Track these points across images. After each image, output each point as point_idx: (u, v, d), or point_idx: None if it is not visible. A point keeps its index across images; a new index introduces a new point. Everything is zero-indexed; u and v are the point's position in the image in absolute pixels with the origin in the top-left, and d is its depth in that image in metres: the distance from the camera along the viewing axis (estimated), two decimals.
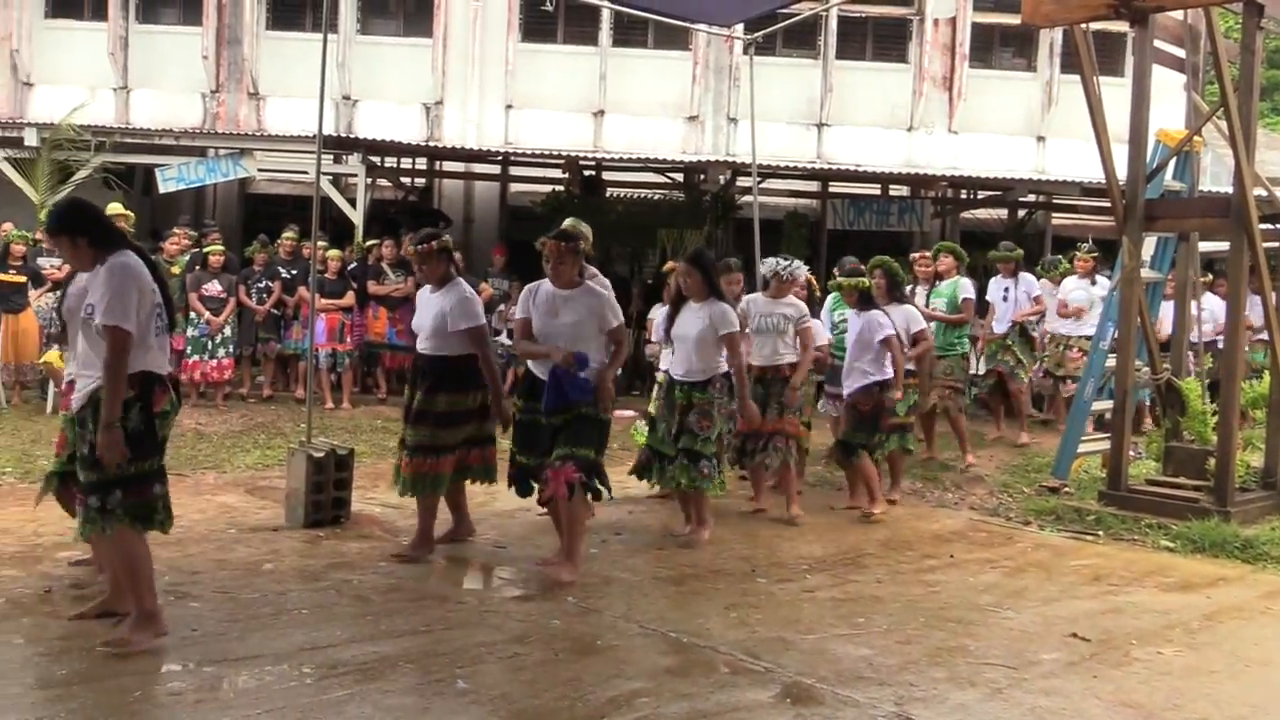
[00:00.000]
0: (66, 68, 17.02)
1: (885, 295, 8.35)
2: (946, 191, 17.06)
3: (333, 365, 12.30)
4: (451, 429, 6.24)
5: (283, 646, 4.79)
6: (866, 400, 7.82)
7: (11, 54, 16.98)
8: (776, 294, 7.75)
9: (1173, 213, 9.03)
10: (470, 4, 17.06)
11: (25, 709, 4.01)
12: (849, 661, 4.87)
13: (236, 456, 9.63)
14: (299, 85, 16.21)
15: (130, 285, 4.57)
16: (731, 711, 4.23)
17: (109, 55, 16.95)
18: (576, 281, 6.09)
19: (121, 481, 4.53)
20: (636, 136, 17.04)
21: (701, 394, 6.73)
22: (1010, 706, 4.41)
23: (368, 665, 4.59)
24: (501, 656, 4.79)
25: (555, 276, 6.05)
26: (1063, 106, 16.99)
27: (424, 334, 6.33)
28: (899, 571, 6.54)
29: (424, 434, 6.18)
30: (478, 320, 6.25)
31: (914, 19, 17.53)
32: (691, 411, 6.74)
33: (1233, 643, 5.41)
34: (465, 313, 6.18)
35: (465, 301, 6.24)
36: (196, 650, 4.50)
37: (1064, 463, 9.25)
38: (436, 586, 5.89)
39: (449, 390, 6.21)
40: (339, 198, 14.12)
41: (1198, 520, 7.66)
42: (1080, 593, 6.22)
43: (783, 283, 7.76)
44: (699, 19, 8.84)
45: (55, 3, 17.48)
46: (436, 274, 6.35)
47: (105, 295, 4.51)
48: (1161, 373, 9.24)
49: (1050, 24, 9.02)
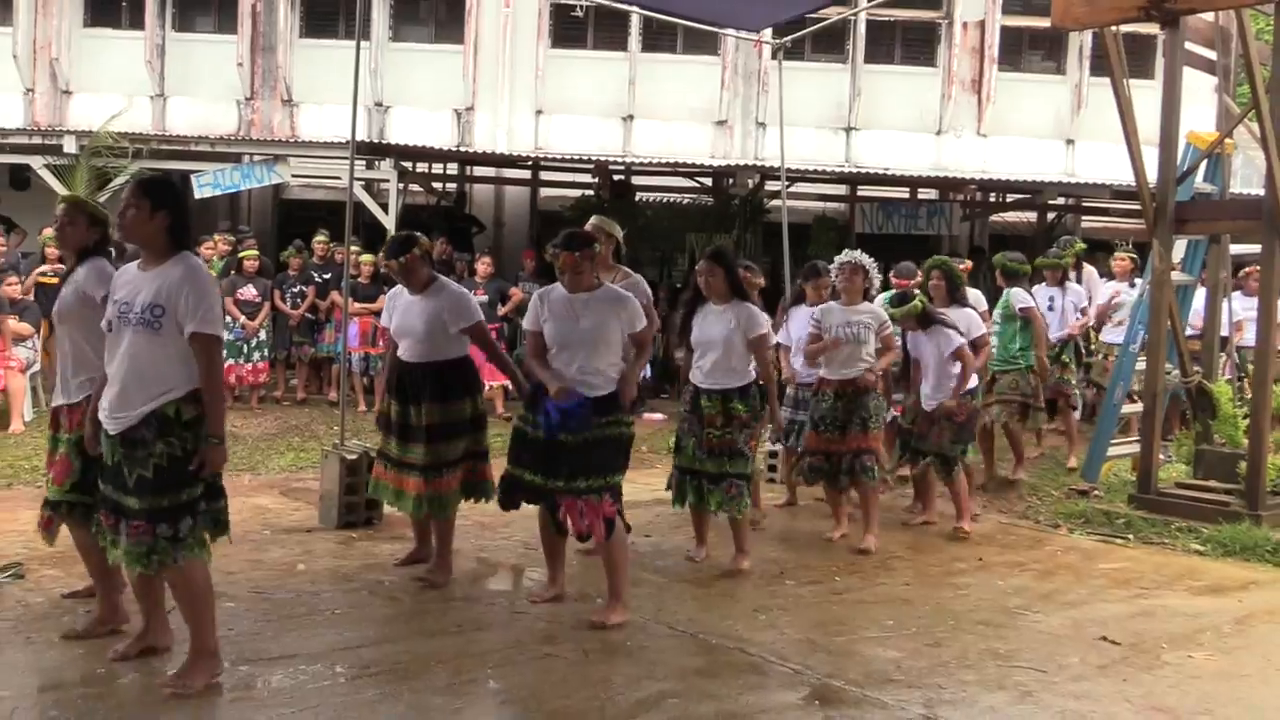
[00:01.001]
0: (104, 76, 17.17)
1: (945, 297, 7.79)
2: (975, 195, 16.95)
3: (365, 368, 12.33)
4: (453, 442, 5.84)
5: (316, 646, 4.82)
6: (962, 410, 7.45)
7: (51, 62, 17.14)
8: (848, 296, 7.18)
9: (1204, 215, 8.97)
10: (501, 11, 17.11)
11: (66, 704, 4.06)
12: (878, 664, 4.85)
13: (271, 458, 9.70)
14: (332, 92, 16.28)
15: (214, 289, 4.25)
16: (760, 713, 4.23)
17: (146, 63, 17.09)
18: (595, 284, 5.46)
19: (191, 505, 4.14)
20: (665, 141, 17.03)
21: (741, 404, 6.19)
22: (1039, 709, 4.39)
23: (400, 665, 4.61)
24: (532, 657, 4.80)
25: (571, 285, 5.37)
26: (1092, 109, 16.86)
27: (414, 339, 5.85)
28: (927, 574, 6.51)
29: (428, 452, 5.78)
30: (477, 317, 5.91)
31: (943, 22, 17.46)
32: (731, 425, 6.17)
33: (1265, 647, 5.36)
34: (465, 310, 5.85)
35: (462, 298, 5.94)
36: (232, 649, 4.52)
37: (1094, 466, 9.20)
38: (467, 587, 5.89)
39: (445, 399, 5.82)
40: (371, 203, 14.21)
41: (1228, 523, 7.60)
42: (1110, 596, 6.18)
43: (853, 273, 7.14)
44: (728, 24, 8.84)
45: (93, 11, 17.65)
46: (421, 280, 5.91)
47: (194, 300, 4.09)
48: (1192, 375, 9.17)
49: (1080, 26, 8.96)
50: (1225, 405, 9.03)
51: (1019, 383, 8.83)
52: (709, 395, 6.23)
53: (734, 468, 6.20)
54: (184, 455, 4.10)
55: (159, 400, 4.08)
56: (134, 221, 4.20)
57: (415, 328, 5.81)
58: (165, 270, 4.15)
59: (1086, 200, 16.59)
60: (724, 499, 6.20)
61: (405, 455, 5.85)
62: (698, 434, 6.27)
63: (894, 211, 16.93)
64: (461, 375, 5.94)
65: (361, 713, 4.08)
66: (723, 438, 6.19)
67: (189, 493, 4.12)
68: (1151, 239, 8.65)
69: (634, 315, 5.41)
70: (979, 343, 7.88)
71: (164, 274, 4.14)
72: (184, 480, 4.11)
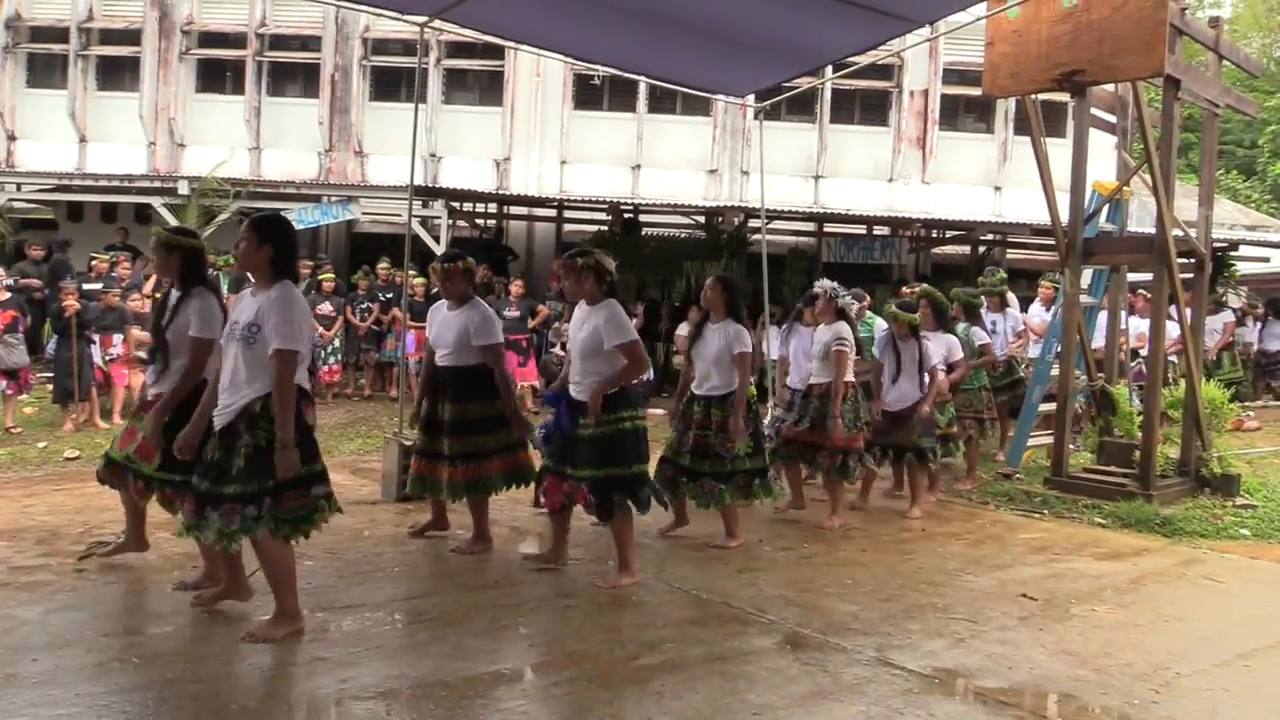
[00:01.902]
0: (211, 132, 17.19)
1: (932, 323, 7.57)
2: (920, 231, 16.97)
3: (420, 371, 12.31)
4: (495, 434, 5.64)
5: (378, 597, 4.83)
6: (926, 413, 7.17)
7: (169, 121, 17.19)
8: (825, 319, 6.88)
9: (1106, 250, 8.97)
10: (533, 79, 17.11)
11: (167, 638, 4.05)
12: (838, 615, 4.84)
13: (343, 444, 9.71)
14: (395, 145, 16.34)
15: (300, 311, 4.09)
16: (742, 655, 4.22)
17: (245, 122, 17.12)
18: (597, 296, 5.19)
19: (275, 490, 4.00)
20: (667, 186, 17.01)
21: (719, 409, 5.95)
22: (971, 653, 4.38)
23: (446, 613, 4.61)
24: (555, 608, 4.79)
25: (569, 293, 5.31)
26: (1015, 162, 16.83)
27: (444, 347, 5.67)
28: (880, 543, 6.49)
29: (451, 443, 5.59)
30: (496, 339, 5.64)
31: (894, 91, 17.43)
32: (711, 428, 5.96)
33: (1154, 602, 5.35)
34: (487, 330, 5.61)
35: (488, 319, 5.66)
36: (310, 600, 4.51)
37: (1016, 454, 9.18)
38: (502, 551, 5.87)
39: (479, 397, 5.61)
40: (426, 236, 14.21)
41: (1126, 501, 7.60)
42: (1029, 560, 6.16)
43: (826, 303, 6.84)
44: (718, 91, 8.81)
45: (204, 80, 17.67)
46: (457, 291, 5.72)
47: (279, 321, 3.99)
48: (1096, 380, 9.15)
49: (1006, 94, 8.93)
50: (1123, 405, 9.01)
51: (973, 400, 8.45)
52: (700, 401, 6.06)
53: (711, 467, 5.98)
54: (267, 445, 4.00)
55: (247, 398, 4.02)
56: (244, 253, 4.16)
57: (447, 338, 5.66)
58: (266, 295, 4.09)
59: (1011, 236, 16.54)
60: (699, 494, 6.01)
61: (433, 446, 5.70)
62: (680, 431, 6.11)
63: (854, 245, 16.93)
64: (480, 380, 5.63)
65: (415, 653, 4.07)
66: (704, 438, 5.98)
67: (273, 480, 3.99)
68: (1063, 268, 8.64)
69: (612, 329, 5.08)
70: (955, 365, 7.74)
71: (264, 298, 4.08)
72: (268, 467, 3.99)
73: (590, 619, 4.64)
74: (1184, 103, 8.68)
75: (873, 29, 6.61)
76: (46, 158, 16.98)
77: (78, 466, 8.40)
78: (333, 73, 17.19)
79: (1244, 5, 40.09)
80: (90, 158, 17.22)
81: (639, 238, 15.49)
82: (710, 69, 7.70)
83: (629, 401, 5.16)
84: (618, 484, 5.07)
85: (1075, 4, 7.82)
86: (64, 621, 4.25)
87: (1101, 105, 9.34)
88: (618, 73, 9.39)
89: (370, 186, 15.53)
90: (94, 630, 4.15)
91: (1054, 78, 8.05)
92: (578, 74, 16.93)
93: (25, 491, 7.22)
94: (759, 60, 7.32)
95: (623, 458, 5.09)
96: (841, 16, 6.25)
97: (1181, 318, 8.92)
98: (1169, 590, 5.64)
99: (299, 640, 4.13)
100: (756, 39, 6.85)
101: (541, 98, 17.20)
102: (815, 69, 8.67)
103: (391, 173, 16.50)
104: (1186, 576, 5.95)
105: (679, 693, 3.76)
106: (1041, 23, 8.05)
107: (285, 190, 15.03)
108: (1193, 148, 26.72)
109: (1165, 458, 8.44)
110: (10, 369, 9.85)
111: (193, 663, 3.86)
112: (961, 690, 3.99)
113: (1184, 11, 8.15)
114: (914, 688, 3.93)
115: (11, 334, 9.90)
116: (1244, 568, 6.26)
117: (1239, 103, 9.52)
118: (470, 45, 16.01)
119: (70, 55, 17.16)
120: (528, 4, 6.40)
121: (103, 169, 16.26)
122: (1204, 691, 4.05)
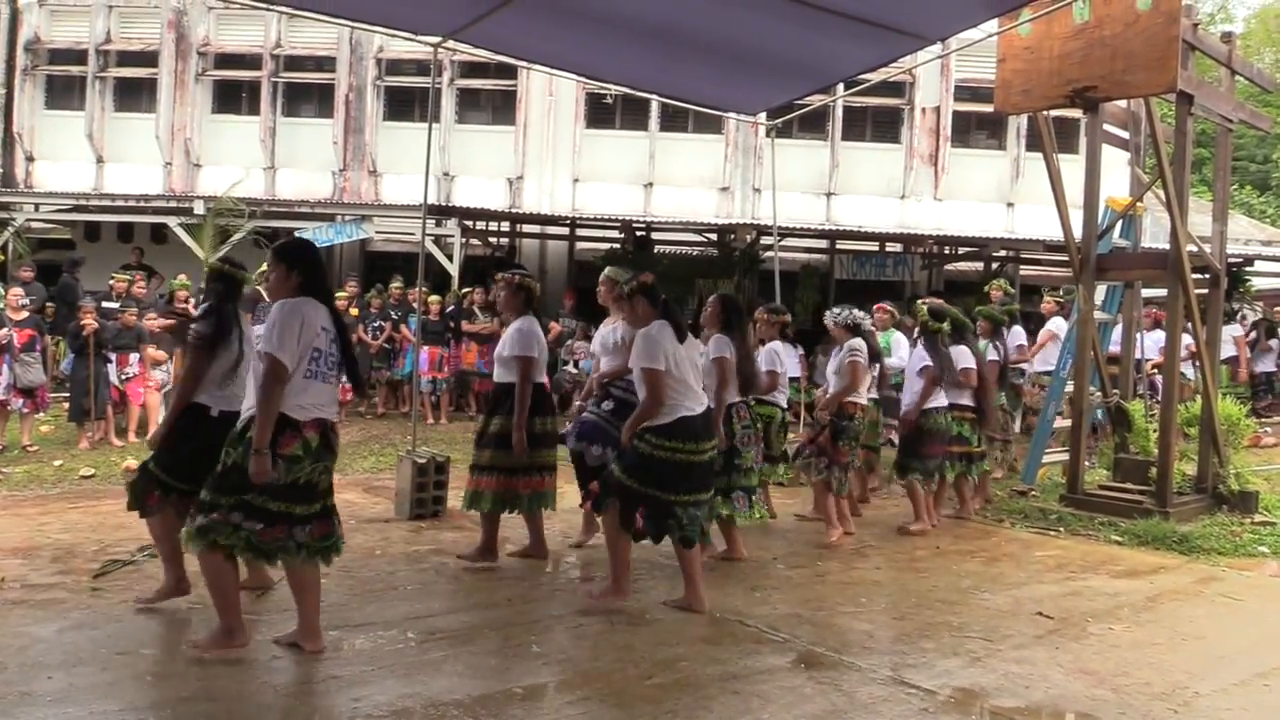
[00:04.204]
0: (227, 152, 17.34)
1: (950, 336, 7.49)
2: (932, 248, 16.94)
3: (433, 389, 12.38)
4: (549, 450, 5.77)
5: (392, 615, 4.82)
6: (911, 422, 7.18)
7: (185, 142, 17.34)
8: None
9: (1120, 265, 8.93)
10: (545, 98, 17.20)
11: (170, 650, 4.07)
12: (853, 634, 4.81)
13: (356, 461, 9.72)
14: (409, 164, 16.51)
15: (294, 322, 3.96)
16: (756, 674, 4.19)
17: (260, 142, 17.26)
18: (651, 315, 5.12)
19: (237, 508, 3.92)
20: (679, 204, 17.04)
21: (724, 425, 5.82)
22: (987, 672, 4.34)
23: (460, 632, 4.60)
24: (568, 626, 4.78)
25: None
26: (1028, 178, 16.80)
27: (497, 361, 5.83)
28: (894, 561, 6.45)
29: (493, 456, 5.66)
30: (525, 352, 5.59)
31: (905, 108, 17.44)
32: None
33: (1172, 620, 5.30)
34: (517, 342, 5.62)
35: (519, 333, 5.65)
36: (323, 617, 4.46)
37: (1031, 471, 9.13)
38: (515, 569, 5.86)
39: (500, 413, 5.70)
40: (439, 254, 14.27)
41: (1142, 519, 7.55)
42: (1045, 578, 6.13)
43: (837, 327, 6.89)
44: (730, 109, 8.83)
45: (219, 101, 17.83)
46: (511, 306, 5.82)
47: (267, 328, 3.95)
48: (1111, 396, 9.10)
49: (1018, 111, 8.93)
50: (1139, 421, 8.96)
51: None
52: None
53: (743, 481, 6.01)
54: (236, 463, 3.96)
55: (249, 413, 4.02)
56: (274, 283, 4.16)
57: (500, 352, 5.77)
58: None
59: (1024, 252, 16.50)
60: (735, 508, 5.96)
61: (479, 460, 5.77)
62: None
63: (866, 262, 16.91)
64: (542, 394, 5.75)
65: (428, 671, 4.06)
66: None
67: (233, 497, 3.92)
68: (1077, 284, 8.61)
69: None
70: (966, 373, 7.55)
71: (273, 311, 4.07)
72: (235, 484, 3.93)
73: (604, 637, 4.63)
74: (1197, 118, 8.66)
75: (884, 46, 6.64)
76: (64, 178, 17.18)
77: (93, 485, 8.44)
78: (347, 93, 17.31)
79: (1256, 21, 40.09)
80: (107, 178, 17.40)
81: (651, 255, 15.52)
82: (722, 87, 7.73)
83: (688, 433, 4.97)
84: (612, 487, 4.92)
85: (1087, 20, 7.83)
86: (79, 639, 4.26)
87: (1114, 121, 9.33)
88: (630, 91, 9.44)
89: (384, 205, 15.60)
90: (108, 648, 4.16)
91: (1066, 94, 8.05)
92: (590, 93, 16.99)
93: (41, 509, 7.26)
94: (771, 78, 7.35)
95: (623, 467, 4.94)
96: (853, 34, 6.27)
97: (1195, 331, 8.88)
98: (1187, 608, 5.59)
99: (315, 655, 4.13)
100: (768, 57, 6.89)
101: (554, 117, 17.28)
102: (827, 86, 8.68)
103: (405, 192, 16.60)
104: (1204, 594, 5.90)
105: (693, 712, 3.74)
106: (1053, 39, 8.07)
107: (300, 210, 15.12)
108: (1206, 163, 26.67)
109: (1182, 474, 8.39)
110: (27, 387, 9.94)
111: (206, 681, 3.85)
112: (978, 710, 3.95)
113: (1196, 27, 8.15)
114: (929, 707, 3.90)
115: (29, 353, 10.00)
116: (1263, 585, 6.21)
117: (1252, 118, 9.49)
118: (483, 65, 16.10)
119: (88, 77, 17.36)
120: (540, 24, 6.45)
121: (119, 189, 16.39)
122: (1223, 711, 4.01)
